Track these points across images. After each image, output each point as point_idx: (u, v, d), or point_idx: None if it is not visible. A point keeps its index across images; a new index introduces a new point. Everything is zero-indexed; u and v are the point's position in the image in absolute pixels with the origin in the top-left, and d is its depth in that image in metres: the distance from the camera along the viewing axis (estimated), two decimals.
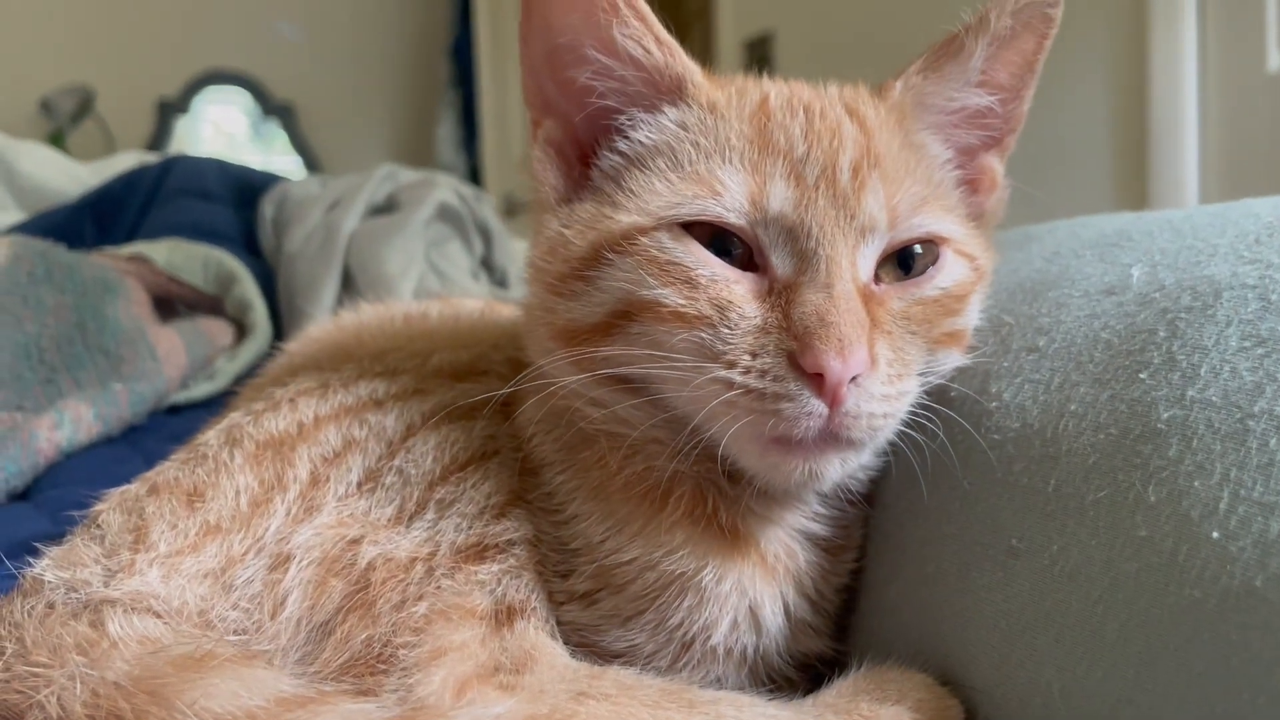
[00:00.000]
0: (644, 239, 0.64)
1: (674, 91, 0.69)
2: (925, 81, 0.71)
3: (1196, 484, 0.53)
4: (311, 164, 5.08)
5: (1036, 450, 0.64)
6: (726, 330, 0.61)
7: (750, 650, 0.69)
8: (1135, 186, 1.99)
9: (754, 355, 0.60)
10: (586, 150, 0.71)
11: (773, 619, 0.69)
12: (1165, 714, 0.51)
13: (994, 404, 0.69)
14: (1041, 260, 0.79)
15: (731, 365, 0.60)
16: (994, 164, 0.76)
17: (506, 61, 4.77)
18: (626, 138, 0.69)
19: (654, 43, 0.67)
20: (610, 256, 0.65)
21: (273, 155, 5.10)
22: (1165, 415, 0.57)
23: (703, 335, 0.61)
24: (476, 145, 4.96)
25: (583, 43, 0.66)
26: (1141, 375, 0.60)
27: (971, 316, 0.71)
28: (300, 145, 5.12)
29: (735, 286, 0.63)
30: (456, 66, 5.04)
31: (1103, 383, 0.62)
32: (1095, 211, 0.92)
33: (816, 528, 0.73)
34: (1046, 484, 0.62)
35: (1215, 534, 0.50)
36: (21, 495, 1.15)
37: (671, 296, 0.62)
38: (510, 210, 3.97)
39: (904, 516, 0.74)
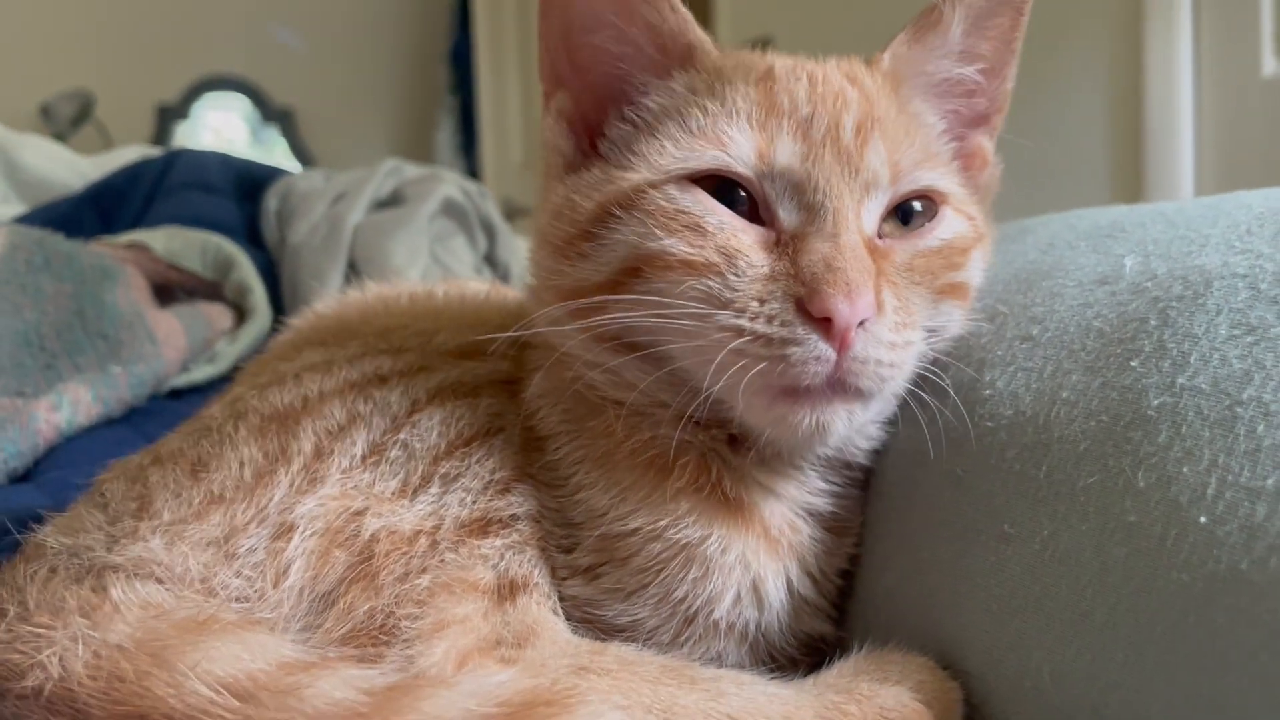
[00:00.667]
0: (652, 192, 0.65)
1: (685, 58, 0.70)
2: (911, 51, 0.73)
3: (1185, 470, 0.53)
4: (311, 169, 5.07)
5: (1029, 437, 0.64)
6: (734, 277, 0.62)
7: (752, 626, 0.69)
8: (1131, 190, 1.99)
9: (762, 302, 0.61)
10: (595, 127, 0.73)
11: (775, 594, 0.69)
12: (1152, 697, 0.51)
13: (988, 392, 0.69)
14: (1036, 251, 0.80)
15: (740, 312, 0.61)
16: (984, 143, 0.78)
17: (505, 67, 4.79)
18: (635, 106, 0.71)
19: (669, 9, 0.69)
20: (618, 213, 0.66)
21: (272, 160, 5.08)
22: (1155, 402, 0.58)
23: (710, 283, 0.62)
24: (475, 150, 4.96)
25: (601, 8, 0.68)
26: (1133, 363, 0.61)
27: (974, 272, 0.72)
28: (300, 150, 5.10)
29: (743, 235, 0.64)
30: (455, 72, 5.04)
31: (1095, 370, 0.63)
32: None
33: (819, 503, 0.73)
34: (1038, 470, 0.63)
35: (1203, 519, 0.51)
36: (23, 478, 1.14)
37: (678, 245, 0.63)
38: (509, 214, 3.98)
39: (899, 504, 0.75)
